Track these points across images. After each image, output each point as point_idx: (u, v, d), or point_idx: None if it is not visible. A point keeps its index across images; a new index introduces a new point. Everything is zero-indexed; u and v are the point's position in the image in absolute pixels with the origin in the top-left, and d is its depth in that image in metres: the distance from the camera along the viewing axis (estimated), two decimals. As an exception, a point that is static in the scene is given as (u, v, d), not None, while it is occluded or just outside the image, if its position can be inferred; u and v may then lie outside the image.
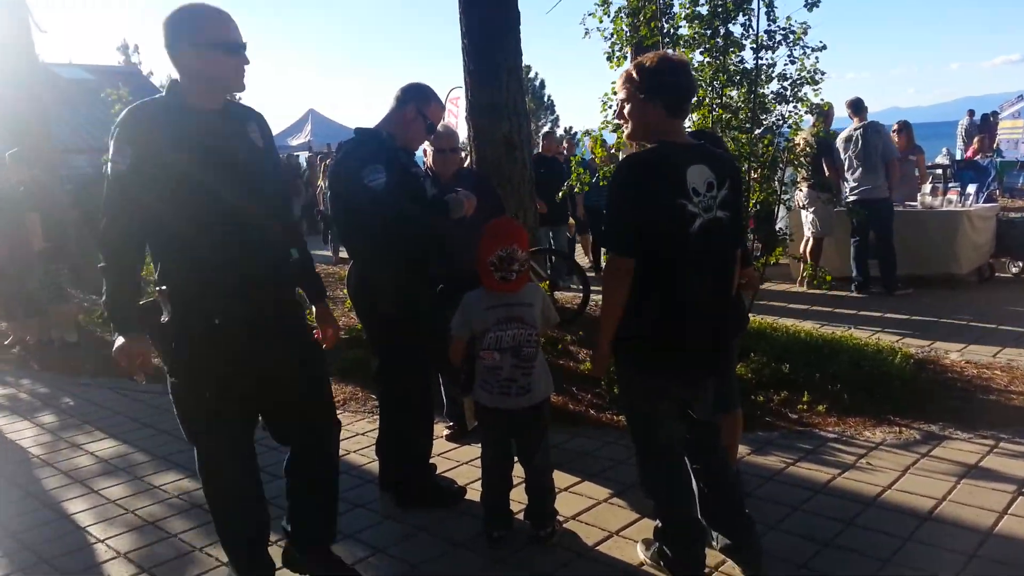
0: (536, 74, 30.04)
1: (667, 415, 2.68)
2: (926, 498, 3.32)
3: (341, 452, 4.19)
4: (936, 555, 2.88)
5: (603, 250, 7.95)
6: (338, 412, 4.85)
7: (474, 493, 3.53)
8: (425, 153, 4.12)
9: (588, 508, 3.42)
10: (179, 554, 3.23)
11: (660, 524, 2.79)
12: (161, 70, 36.22)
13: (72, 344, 7.10)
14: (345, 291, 8.39)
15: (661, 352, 2.58)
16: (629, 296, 2.53)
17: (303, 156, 22.67)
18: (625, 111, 2.61)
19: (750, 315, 4.30)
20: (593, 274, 9.09)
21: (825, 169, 7.57)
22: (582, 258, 10.48)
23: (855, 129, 7.61)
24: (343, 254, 11.45)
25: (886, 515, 3.22)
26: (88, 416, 5.19)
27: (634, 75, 2.56)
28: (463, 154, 5.16)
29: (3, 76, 9.81)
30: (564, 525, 3.25)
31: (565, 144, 11.52)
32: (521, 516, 3.23)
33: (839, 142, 7.62)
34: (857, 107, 7.68)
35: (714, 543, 2.85)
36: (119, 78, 18.00)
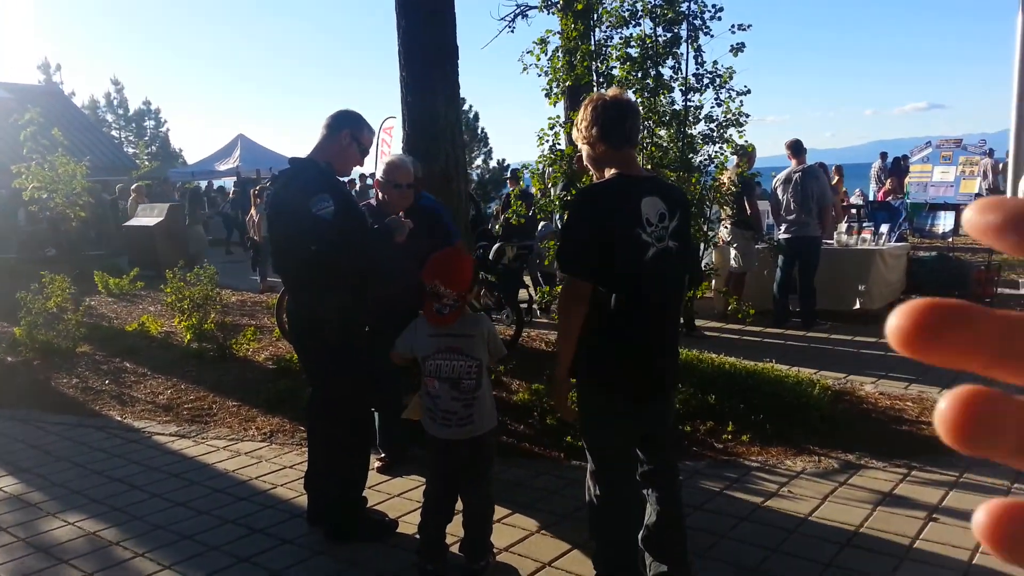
0: (471, 106, 30.21)
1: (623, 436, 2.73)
2: (845, 525, 3.45)
3: (267, 487, 4.13)
4: (855, 580, 3.00)
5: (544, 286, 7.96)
6: (265, 445, 4.79)
7: (406, 526, 3.49)
8: (376, 185, 4.12)
9: (521, 539, 3.43)
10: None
11: (603, 553, 2.82)
12: (83, 91, 35.10)
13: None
14: (273, 320, 8.30)
15: (618, 380, 2.65)
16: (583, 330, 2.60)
17: (230, 181, 22.27)
18: (578, 151, 2.81)
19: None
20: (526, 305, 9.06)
21: (747, 207, 7.83)
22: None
23: (794, 171, 7.70)
24: (270, 281, 11.23)
25: (808, 542, 3.33)
26: (-4, 449, 4.92)
27: (577, 118, 2.74)
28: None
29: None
30: (498, 557, 3.25)
31: (508, 177, 11.35)
32: (456, 548, 3.22)
33: (777, 182, 7.79)
34: (796, 149, 7.77)
35: (647, 571, 2.89)
36: (39, 97, 17.40)
